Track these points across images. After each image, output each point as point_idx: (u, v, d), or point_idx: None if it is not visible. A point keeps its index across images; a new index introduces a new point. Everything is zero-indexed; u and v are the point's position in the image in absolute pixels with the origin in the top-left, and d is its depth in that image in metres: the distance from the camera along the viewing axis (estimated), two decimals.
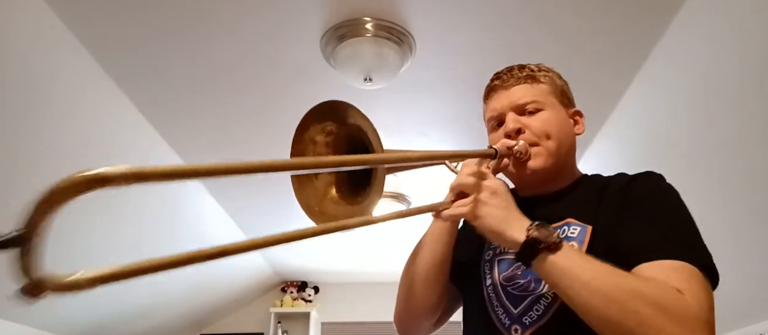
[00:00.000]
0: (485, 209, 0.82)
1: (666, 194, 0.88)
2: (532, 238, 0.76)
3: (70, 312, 3.16)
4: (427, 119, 2.37)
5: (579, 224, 0.89)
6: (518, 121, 0.97)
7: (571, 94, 1.07)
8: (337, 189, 0.84)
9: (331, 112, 0.81)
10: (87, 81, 1.95)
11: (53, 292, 0.42)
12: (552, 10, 1.74)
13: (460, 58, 1.97)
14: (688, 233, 0.82)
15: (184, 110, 2.23)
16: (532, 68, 1.03)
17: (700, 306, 0.72)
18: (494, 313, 0.90)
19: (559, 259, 0.75)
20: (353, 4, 1.71)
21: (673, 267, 0.75)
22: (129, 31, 1.77)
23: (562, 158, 0.98)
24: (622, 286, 0.71)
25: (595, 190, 0.94)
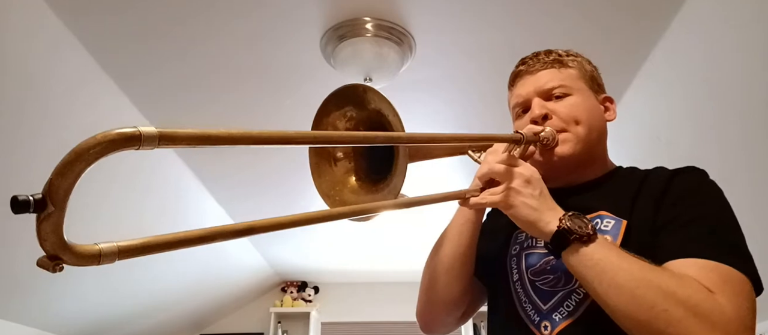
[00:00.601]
0: (519, 199, 0.77)
1: (707, 193, 0.83)
2: (565, 228, 0.73)
3: (70, 312, 3.16)
4: (427, 119, 2.37)
5: (613, 217, 0.84)
6: (544, 106, 0.92)
7: (601, 80, 1.02)
8: (356, 177, 0.82)
9: (350, 96, 0.78)
10: (85, 78, 1.95)
11: (74, 264, 0.40)
12: (552, 10, 1.74)
13: (460, 58, 1.96)
14: (729, 234, 0.77)
15: (183, 108, 2.22)
16: (560, 53, 1.00)
17: (736, 309, 0.66)
18: (522, 309, 0.86)
19: (591, 251, 0.72)
20: (353, 4, 1.71)
21: (709, 267, 0.70)
22: (127, 29, 1.77)
23: (593, 145, 0.93)
24: (653, 283, 0.67)
25: (632, 183, 0.88)
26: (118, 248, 0.42)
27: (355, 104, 0.78)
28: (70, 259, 0.40)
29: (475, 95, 2.16)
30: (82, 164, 0.38)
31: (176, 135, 0.42)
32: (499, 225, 0.98)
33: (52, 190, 0.37)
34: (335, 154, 0.82)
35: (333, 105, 0.79)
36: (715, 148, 2.15)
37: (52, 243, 0.39)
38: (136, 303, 3.59)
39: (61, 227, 0.39)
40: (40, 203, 0.37)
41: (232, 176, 2.84)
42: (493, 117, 2.09)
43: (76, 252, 0.40)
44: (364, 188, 0.81)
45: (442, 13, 1.75)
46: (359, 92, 0.78)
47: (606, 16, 1.76)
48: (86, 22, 1.71)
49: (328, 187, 0.80)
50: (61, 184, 0.38)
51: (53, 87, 1.90)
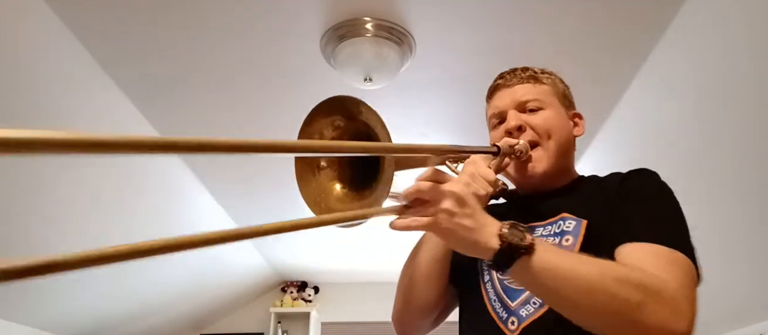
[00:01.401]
0: (454, 221, 0.70)
1: (657, 189, 0.90)
2: (507, 244, 0.70)
3: (70, 312, 3.16)
4: (427, 119, 2.37)
5: (574, 218, 0.90)
6: (520, 118, 0.98)
7: (572, 97, 1.09)
8: (341, 185, 0.83)
9: (339, 106, 0.79)
10: (80, 73, 1.95)
11: None
12: (552, 11, 1.74)
13: (460, 59, 1.97)
14: (676, 225, 0.84)
15: (182, 108, 2.23)
16: (536, 70, 1.05)
17: (679, 285, 0.73)
18: (492, 306, 0.91)
19: (537, 261, 0.70)
20: (353, 4, 1.71)
21: (658, 251, 0.77)
22: (124, 26, 1.77)
23: (562, 159, 1.00)
24: (608, 274, 0.70)
25: (592, 187, 0.96)
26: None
27: (344, 114, 0.79)
28: None
29: (474, 94, 2.15)
30: None
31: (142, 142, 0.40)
32: None
33: None
34: (319, 162, 0.83)
35: (321, 113, 0.80)
36: (714, 148, 2.15)
37: None
38: (135, 303, 3.59)
39: None
40: None
41: (231, 173, 2.84)
42: None
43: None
44: (349, 196, 0.82)
45: (442, 13, 1.75)
46: (348, 103, 0.78)
47: (606, 17, 1.76)
48: (82, 17, 1.71)
49: (313, 195, 0.81)
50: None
51: (49, 82, 1.90)
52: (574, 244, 0.86)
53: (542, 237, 0.91)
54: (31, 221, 2.32)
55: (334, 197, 0.81)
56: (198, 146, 0.46)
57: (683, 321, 0.70)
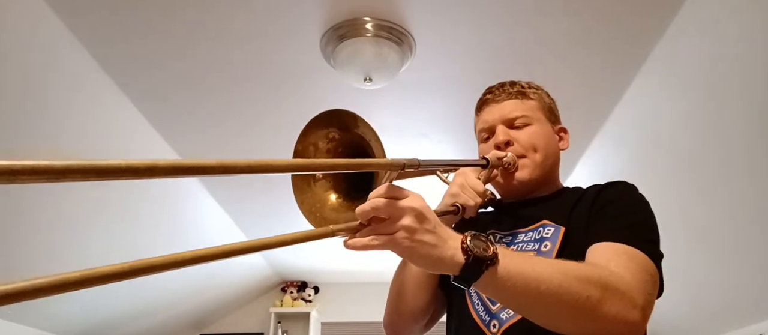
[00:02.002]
0: (415, 237, 0.66)
1: (631, 198, 0.95)
2: (472, 256, 0.67)
3: (70, 312, 3.16)
4: (427, 119, 2.37)
5: (553, 225, 0.94)
6: (508, 133, 1.04)
7: (557, 111, 1.14)
8: (337, 195, 0.84)
9: (336, 119, 0.81)
10: (84, 77, 1.95)
11: None
12: (552, 11, 1.74)
13: (460, 59, 1.97)
14: (647, 230, 0.88)
15: (182, 107, 2.22)
16: (523, 85, 1.10)
17: (636, 280, 0.77)
18: (475, 310, 0.94)
19: (503, 271, 0.68)
20: (353, 4, 1.71)
21: (622, 250, 0.81)
22: (127, 29, 1.77)
23: (547, 170, 1.05)
24: (570, 275, 0.72)
25: (572, 197, 1.00)
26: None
27: (340, 127, 0.81)
28: None
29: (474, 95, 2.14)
30: None
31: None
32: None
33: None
34: (315, 173, 0.85)
35: (318, 125, 0.82)
36: (715, 148, 2.15)
37: None
38: (136, 303, 3.59)
39: None
40: None
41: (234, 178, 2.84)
42: None
43: None
44: (345, 206, 0.83)
45: (442, 13, 1.75)
46: (345, 117, 0.80)
47: (606, 17, 1.76)
48: (85, 21, 1.71)
49: (309, 205, 0.83)
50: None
51: (52, 85, 1.90)
52: (552, 249, 0.91)
53: (524, 242, 0.97)
54: (41, 224, 2.33)
55: (328, 207, 0.83)
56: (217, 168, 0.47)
57: (636, 311, 0.74)
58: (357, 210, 0.69)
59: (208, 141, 2.47)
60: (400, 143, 2.56)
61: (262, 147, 2.48)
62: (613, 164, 2.55)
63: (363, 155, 0.79)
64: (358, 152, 0.80)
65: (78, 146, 2.15)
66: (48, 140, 2.04)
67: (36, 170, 0.37)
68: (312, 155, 0.82)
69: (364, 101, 2.18)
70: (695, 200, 2.41)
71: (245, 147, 2.52)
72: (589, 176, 2.69)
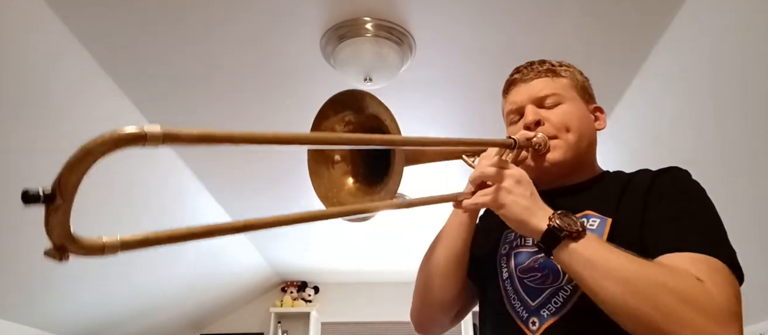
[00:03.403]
0: (510, 198, 0.79)
1: (691, 190, 0.87)
2: (555, 226, 0.75)
3: (70, 312, 3.16)
4: (427, 119, 2.37)
5: (598, 216, 0.87)
6: (538, 113, 0.96)
7: (591, 90, 1.06)
8: (353, 179, 0.83)
9: (348, 101, 0.80)
10: (84, 77, 1.95)
11: (79, 254, 0.42)
12: (552, 11, 1.74)
13: (460, 58, 1.96)
14: (713, 228, 0.80)
15: (183, 108, 2.22)
16: (553, 63, 1.02)
17: (726, 297, 0.69)
18: (511, 306, 0.88)
19: (581, 248, 0.73)
20: (353, 4, 1.71)
21: (697, 260, 0.73)
22: (127, 28, 1.77)
23: (582, 152, 0.97)
24: (644, 275, 0.69)
25: (617, 184, 0.91)
26: (121, 241, 0.45)
27: (354, 108, 0.80)
28: (76, 250, 0.42)
29: (475, 94, 2.16)
30: (90, 160, 0.40)
31: (179, 134, 0.44)
32: (490, 226, 1.00)
33: (61, 184, 0.40)
34: (333, 157, 0.83)
35: (331, 110, 0.81)
36: (716, 147, 2.14)
37: (58, 234, 0.41)
38: (135, 303, 3.58)
39: (68, 220, 0.41)
40: (49, 196, 0.40)
41: (231, 175, 2.84)
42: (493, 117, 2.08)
43: (82, 244, 0.43)
44: (362, 191, 0.83)
45: (442, 13, 1.75)
46: (358, 97, 0.79)
47: (606, 16, 1.76)
48: (86, 21, 1.71)
49: (325, 189, 0.82)
50: (70, 179, 0.40)
51: (53, 86, 1.90)
52: (602, 240, 0.83)
53: None
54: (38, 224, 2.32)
55: (346, 191, 0.82)
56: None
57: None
58: (470, 177, 0.86)
59: None
60: None
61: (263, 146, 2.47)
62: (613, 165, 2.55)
63: (380, 132, 0.78)
64: (375, 133, 0.79)
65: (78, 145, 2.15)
66: (48, 141, 2.04)
67: None
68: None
69: None
70: None
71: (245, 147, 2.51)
72: None
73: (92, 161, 0.40)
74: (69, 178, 0.39)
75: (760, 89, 1.82)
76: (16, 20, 1.63)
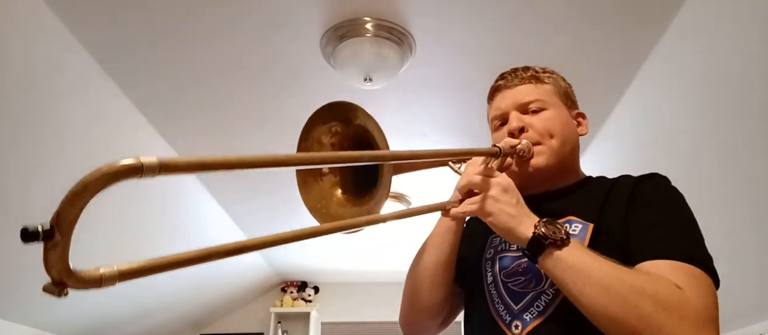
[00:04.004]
0: (497, 206, 0.82)
1: (671, 197, 0.89)
2: (540, 234, 0.77)
3: (70, 312, 3.16)
4: (427, 119, 2.37)
5: (581, 221, 0.89)
6: (521, 119, 0.98)
7: (574, 96, 1.08)
8: (342, 190, 0.84)
9: (336, 112, 0.81)
10: (86, 80, 1.95)
11: (78, 288, 0.42)
12: (552, 10, 1.74)
13: (460, 58, 1.97)
14: (691, 236, 0.83)
15: (183, 109, 2.23)
16: (537, 69, 1.04)
17: (703, 303, 0.72)
18: (495, 309, 0.90)
19: (565, 255, 0.76)
20: (353, 4, 1.71)
21: (676, 267, 0.76)
22: (128, 30, 1.77)
23: (565, 158, 0.98)
24: (624, 281, 0.72)
25: (600, 190, 0.93)
26: (118, 272, 0.46)
27: (341, 119, 0.81)
28: (74, 284, 0.42)
29: (474, 95, 2.16)
30: (88, 195, 0.40)
31: (176, 164, 0.45)
32: (476, 231, 1.02)
33: (60, 220, 0.39)
34: (321, 168, 0.84)
35: (319, 120, 0.82)
36: (714, 148, 2.15)
37: (58, 270, 0.41)
38: (136, 303, 3.59)
39: (67, 255, 0.41)
40: (48, 233, 0.39)
41: (234, 178, 2.84)
42: None
43: (80, 277, 0.42)
44: (350, 201, 0.84)
45: (442, 13, 1.75)
46: (345, 109, 0.80)
47: (606, 18, 1.76)
48: (88, 24, 1.72)
49: (314, 201, 0.83)
50: (69, 214, 0.40)
51: (55, 89, 1.90)
52: (585, 247, 0.85)
53: None
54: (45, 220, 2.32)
55: (334, 202, 0.83)
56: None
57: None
58: (456, 186, 0.88)
59: (210, 142, 2.47)
60: (400, 143, 2.56)
61: (263, 147, 2.48)
62: (612, 165, 2.55)
63: (367, 147, 0.79)
64: (361, 144, 0.80)
65: (80, 148, 2.15)
66: (50, 143, 2.04)
67: None
68: (317, 148, 0.82)
69: (364, 101, 2.17)
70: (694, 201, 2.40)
71: (246, 147, 2.52)
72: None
73: (90, 195, 0.40)
74: (68, 213, 0.39)
75: (757, 90, 1.82)
76: (18, 23, 1.63)
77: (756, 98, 1.85)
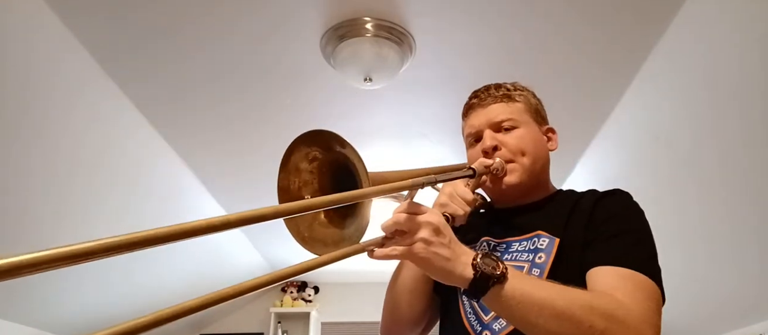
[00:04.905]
0: (431, 250, 0.74)
1: (630, 212, 0.93)
2: (480, 273, 0.73)
3: (71, 311, 3.16)
4: (427, 119, 2.37)
5: (548, 236, 0.92)
6: (495, 138, 1.02)
7: (544, 112, 1.13)
8: (324, 213, 0.85)
9: (317, 139, 0.82)
10: (86, 80, 1.95)
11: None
12: (552, 10, 1.74)
13: (460, 58, 1.97)
14: (647, 249, 0.87)
15: (183, 109, 2.23)
16: (508, 87, 1.09)
17: (642, 311, 0.77)
18: (467, 319, 0.94)
19: (510, 290, 0.73)
20: (353, 4, 1.71)
21: (626, 275, 0.81)
22: (128, 30, 1.77)
23: (536, 174, 1.03)
24: (574, 303, 0.74)
25: (567, 205, 0.97)
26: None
27: (321, 146, 0.82)
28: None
29: None
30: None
31: None
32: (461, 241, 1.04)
33: None
34: (301, 193, 0.85)
35: (300, 145, 0.83)
36: (714, 148, 2.15)
37: None
38: (135, 303, 3.58)
39: None
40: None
41: (233, 176, 2.85)
42: None
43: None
44: (334, 223, 0.84)
45: (443, 13, 1.75)
46: (325, 137, 0.81)
47: (605, 18, 1.76)
48: (87, 24, 1.72)
49: (299, 227, 0.84)
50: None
51: (54, 89, 1.90)
52: (547, 261, 0.89)
53: (518, 252, 0.95)
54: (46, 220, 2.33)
55: (318, 223, 0.84)
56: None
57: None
58: (381, 225, 0.78)
59: (210, 142, 2.47)
60: (400, 143, 2.56)
61: (263, 147, 2.48)
62: (612, 165, 2.55)
63: (346, 171, 0.80)
64: (341, 168, 0.81)
65: (79, 148, 2.15)
66: (49, 143, 2.04)
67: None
68: (296, 180, 0.83)
69: (364, 101, 2.19)
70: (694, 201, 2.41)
71: (246, 147, 2.52)
72: (588, 176, 2.69)
73: None
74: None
75: (757, 90, 1.83)
76: (18, 22, 1.63)
77: (756, 97, 1.85)
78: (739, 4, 1.63)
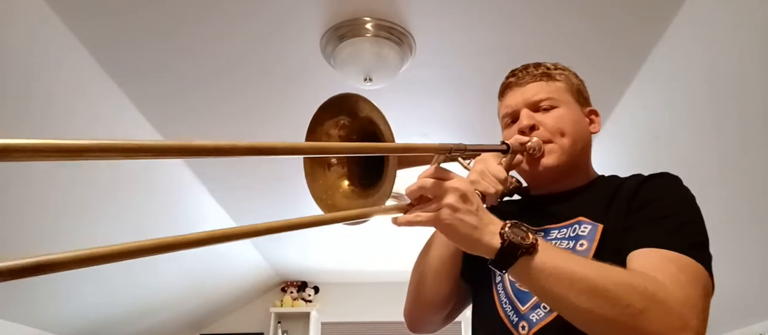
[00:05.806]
0: (457, 216, 0.70)
1: (678, 194, 0.87)
2: (509, 242, 0.69)
3: (71, 312, 3.16)
4: (427, 119, 2.37)
5: (590, 222, 0.86)
6: (532, 117, 0.95)
7: (587, 93, 1.06)
8: (349, 182, 0.84)
9: (343, 105, 0.80)
10: (86, 80, 1.95)
11: None
12: (552, 10, 1.74)
13: (460, 58, 1.97)
14: (695, 232, 0.80)
15: (183, 109, 2.23)
16: (548, 66, 1.02)
17: (686, 294, 0.70)
18: (502, 310, 0.88)
19: (539, 262, 0.69)
20: (353, 4, 1.71)
21: (670, 257, 0.74)
22: (128, 30, 1.77)
23: (576, 156, 0.96)
24: (610, 279, 0.69)
25: (609, 190, 0.91)
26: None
27: (348, 112, 0.80)
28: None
29: (474, 95, 2.16)
30: None
31: None
32: None
33: None
34: (329, 160, 0.84)
35: (327, 113, 0.81)
36: (714, 148, 2.15)
37: None
38: (135, 303, 3.59)
39: None
40: None
41: (233, 176, 2.85)
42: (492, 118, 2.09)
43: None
44: (356, 193, 0.83)
45: (442, 13, 1.75)
46: (352, 102, 0.79)
47: (605, 18, 1.76)
48: (88, 24, 1.72)
49: (321, 191, 0.82)
50: None
51: (55, 89, 1.90)
52: (589, 249, 0.83)
53: (557, 240, 0.88)
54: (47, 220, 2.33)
55: (340, 193, 0.82)
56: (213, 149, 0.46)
57: (688, 333, 0.67)
58: (406, 190, 0.74)
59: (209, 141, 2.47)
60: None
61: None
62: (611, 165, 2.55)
63: (374, 139, 0.78)
64: (368, 136, 0.79)
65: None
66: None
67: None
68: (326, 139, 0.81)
69: None
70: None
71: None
72: None
73: None
74: None
75: (757, 90, 1.82)
76: (19, 23, 1.63)
77: (756, 98, 1.85)
78: (739, 4, 1.63)
